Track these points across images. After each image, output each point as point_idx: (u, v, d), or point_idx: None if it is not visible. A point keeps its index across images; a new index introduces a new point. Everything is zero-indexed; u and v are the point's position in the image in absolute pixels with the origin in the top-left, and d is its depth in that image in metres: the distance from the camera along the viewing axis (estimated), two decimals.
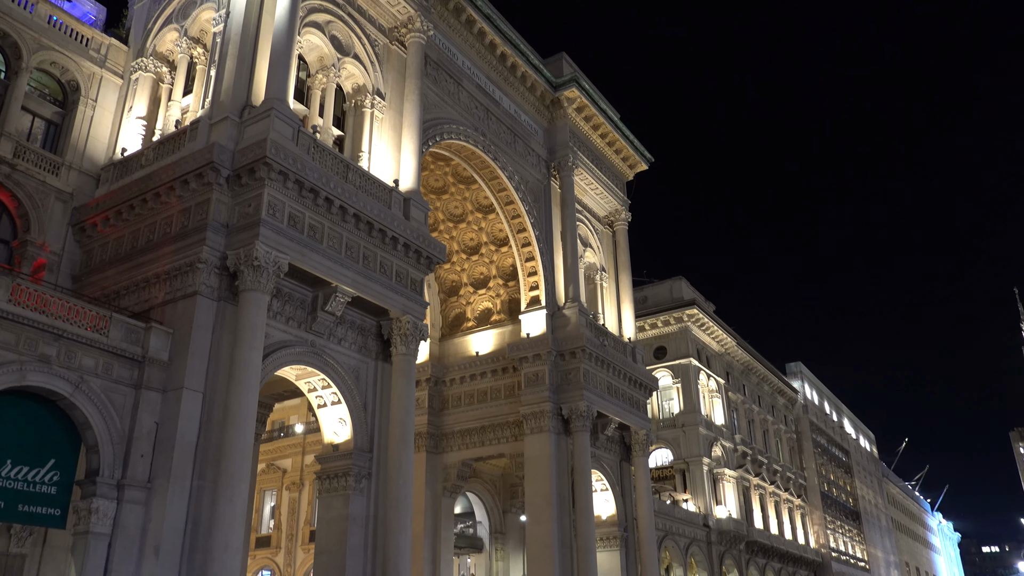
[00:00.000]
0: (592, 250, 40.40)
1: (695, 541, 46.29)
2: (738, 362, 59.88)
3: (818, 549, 64.86)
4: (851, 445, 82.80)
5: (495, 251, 37.62)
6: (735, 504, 51.68)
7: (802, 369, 74.26)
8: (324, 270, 22.48)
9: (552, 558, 31.26)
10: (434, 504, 35.32)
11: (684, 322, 52.94)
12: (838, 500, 73.49)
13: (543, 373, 33.93)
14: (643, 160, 44.03)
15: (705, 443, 50.53)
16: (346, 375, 24.09)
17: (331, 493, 23.88)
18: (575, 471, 33.08)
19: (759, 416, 61.78)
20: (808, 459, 68.71)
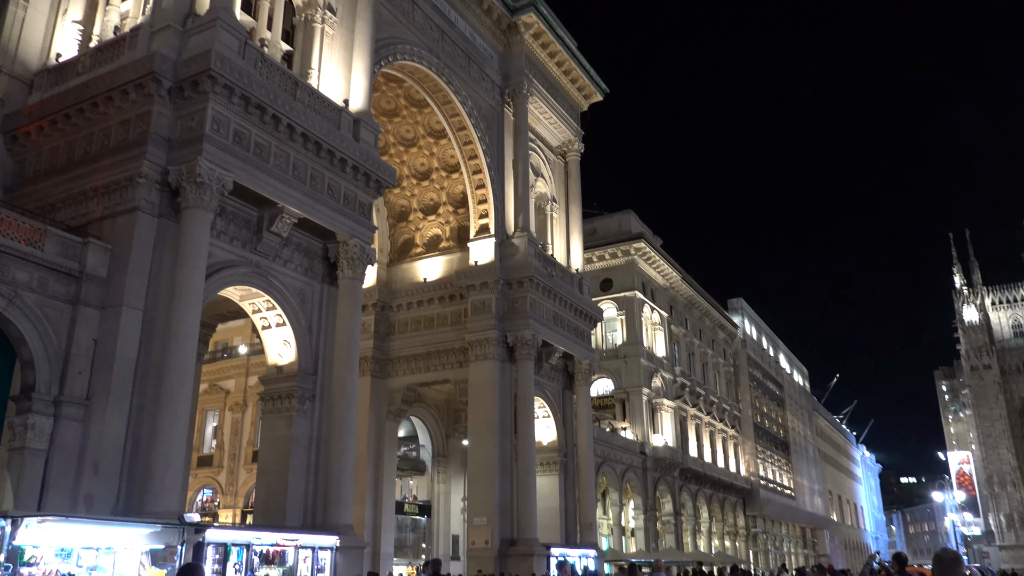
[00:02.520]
0: (543, 180, 40.29)
1: (631, 467, 47.81)
2: (682, 296, 60.98)
3: (748, 477, 67.62)
4: (785, 379, 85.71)
5: (446, 177, 37.27)
6: (672, 433, 53.34)
7: (743, 305, 76.02)
8: (270, 190, 22.03)
9: (493, 481, 32.04)
10: (378, 427, 35.72)
11: (631, 255, 53.48)
12: (770, 431, 76.39)
13: (490, 301, 34.13)
14: (598, 91, 43.69)
15: (646, 374, 51.74)
16: (291, 297, 23.89)
17: (275, 414, 23.94)
18: (518, 398, 33.68)
19: (699, 349, 63.34)
20: (744, 392, 71.00)
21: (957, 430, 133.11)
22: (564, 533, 35.86)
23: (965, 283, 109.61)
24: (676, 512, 52.72)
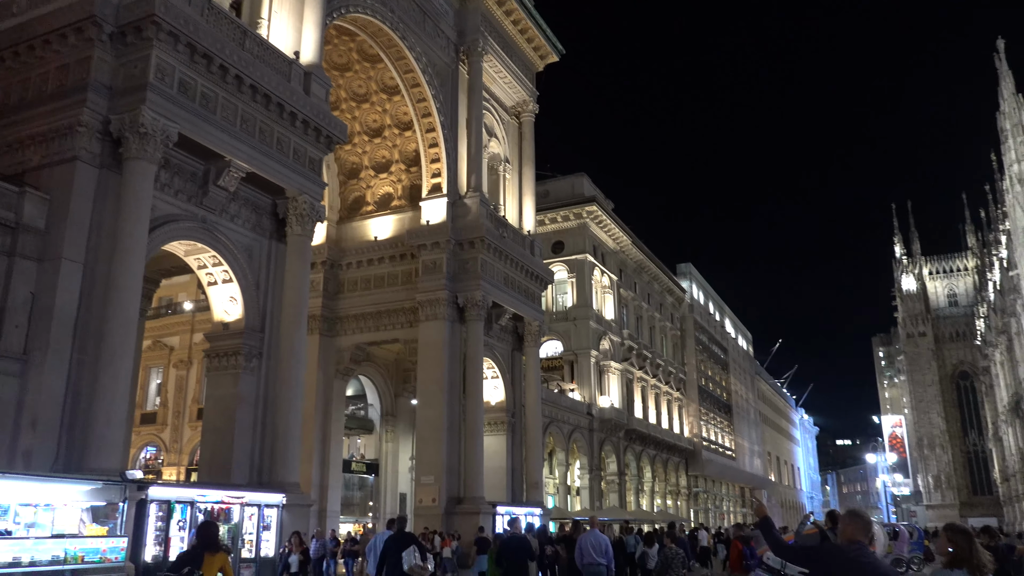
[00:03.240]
0: (497, 140, 40.02)
1: (578, 428, 48.52)
2: (632, 260, 61.52)
3: (691, 438, 69.20)
4: (730, 344, 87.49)
5: (398, 135, 36.75)
6: (618, 395, 54.17)
7: (691, 270, 77.06)
8: (217, 142, 21.46)
9: (441, 440, 32.23)
10: (326, 386, 35.55)
11: (583, 218, 53.65)
12: (713, 394, 78.11)
13: (441, 261, 34.00)
14: (554, 51, 43.35)
15: (595, 336, 52.29)
16: (238, 253, 23.46)
17: (220, 371, 23.62)
18: (468, 358, 33.79)
19: (647, 313, 64.16)
20: (689, 355, 72.30)
21: (892, 395, 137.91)
22: (511, 492, 36.36)
23: (905, 253, 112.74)
24: (620, 472, 53.77)
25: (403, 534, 14.49)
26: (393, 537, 14.37)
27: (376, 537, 16.67)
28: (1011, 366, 71.53)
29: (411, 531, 16.05)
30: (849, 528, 5.99)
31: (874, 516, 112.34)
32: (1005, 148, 58.43)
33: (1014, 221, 56.27)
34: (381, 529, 35.67)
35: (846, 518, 6.14)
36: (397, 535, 14.30)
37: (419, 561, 13.68)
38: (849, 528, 5.99)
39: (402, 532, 14.58)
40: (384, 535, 15.74)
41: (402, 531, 14.65)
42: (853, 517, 6.04)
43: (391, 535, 14.74)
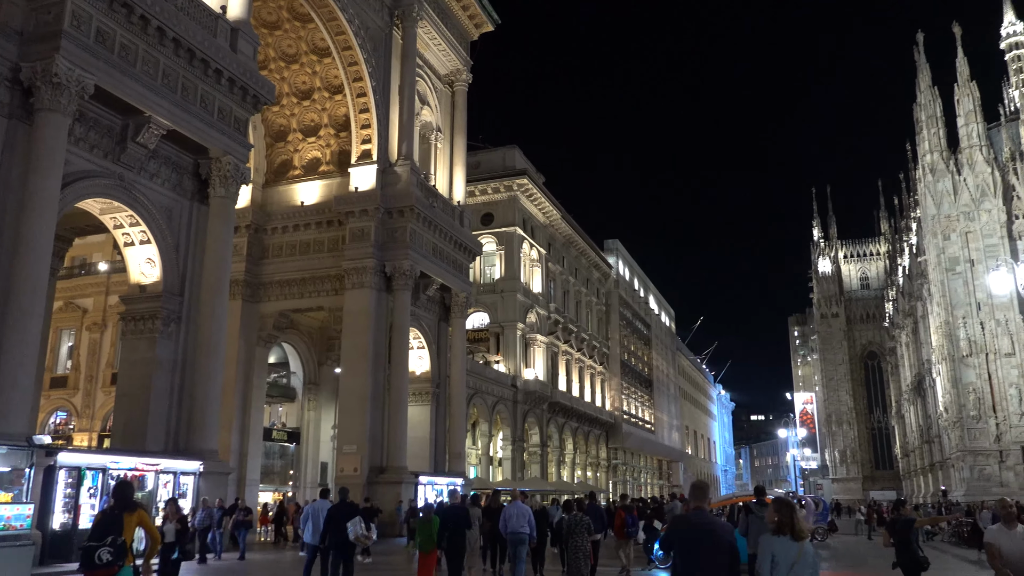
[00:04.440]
0: (429, 108, 39.55)
1: (502, 400, 48.87)
2: (560, 234, 61.91)
3: (612, 412, 70.52)
4: (653, 320, 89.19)
5: (328, 98, 35.94)
6: (543, 368, 54.72)
7: (619, 246, 78.01)
8: (136, 97, 20.58)
9: (364, 409, 32.02)
10: (247, 352, 34.83)
11: (514, 191, 53.62)
12: (635, 369, 79.64)
13: (369, 229, 33.56)
14: (490, 21, 42.94)
15: (521, 309, 52.58)
16: (157, 213, 22.66)
17: (136, 335, 22.89)
18: (394, 328, 33.56)
19: (574, 287, 64.79)
20: (614, 330, 73.42)
21: (804, 373, 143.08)
22: (433, 462, 36.45)
23: (822, 236, 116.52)
24: (543, 444, 54.48)
25: (347, 504, 14.73)
26: (337, 507, 14.58)
27: (311, 507, 16.58)
28: (915, 348, 75.03)
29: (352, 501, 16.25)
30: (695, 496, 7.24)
31: (783, 489, 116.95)
32: (920, 139, 60.74)
33: (924, 209, 58.71)
34: (303, 499, 35.59)
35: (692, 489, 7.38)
36: (341, 505, 14.52)
37: (364, 531, 14.03)
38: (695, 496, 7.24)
39: (346, 502, 14.79)
40: (320, 504, 15.95)
41: (345, 501, 14.85)
42: (696, 488, 7.33)
43: (335, 505, 14.99)
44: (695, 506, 7.12)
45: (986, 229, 54.11)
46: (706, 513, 6.95)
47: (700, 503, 7.09)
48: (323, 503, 16.06)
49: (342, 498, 15.09)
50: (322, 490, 17.94)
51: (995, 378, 52.08)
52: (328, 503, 16.02)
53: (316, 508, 15.97)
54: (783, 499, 7.33)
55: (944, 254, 55.15)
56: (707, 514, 6.95)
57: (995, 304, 52.23)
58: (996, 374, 52.06)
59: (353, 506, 15.18)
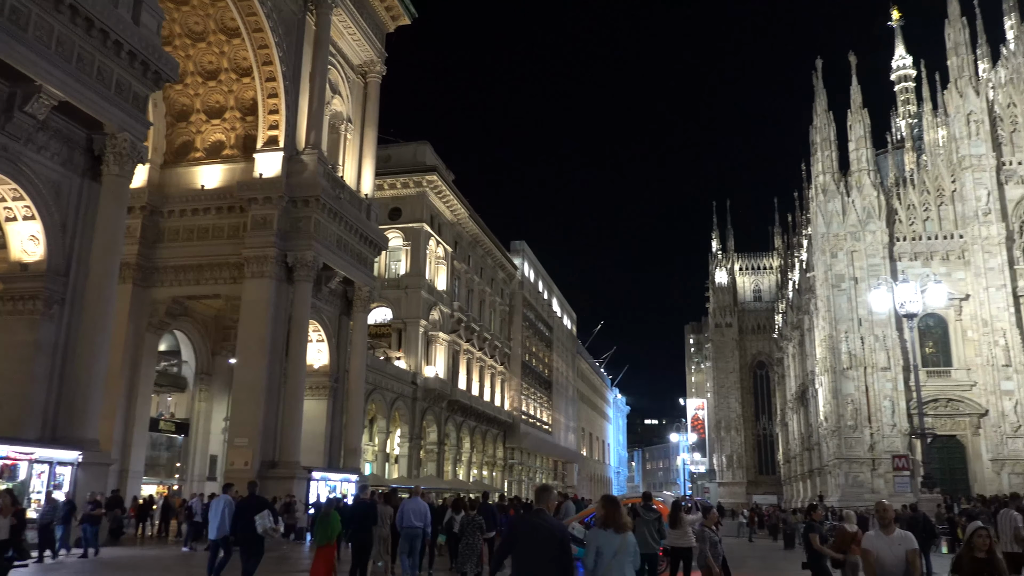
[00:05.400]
0: (340, 98, 38.89)
1: (401, 396, 48.49)
2: (468, 233, 61.91)
3: (511, 411, 71.01)
4: (555, 322, 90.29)
5: (236, 80, 34.86)
6: (444, 365, 54.59)
7: (525, 248, 78.59)
8: (26, 64, 19.45)
9: (258, 402, 31.21)
10: (136, 339, 33.39)
11: (423, 187, 53.30)
12: (536, 370, 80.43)
13: (272, 217, 32.73)
14: (407, 14, 42.57)
15: (425, 306, 52.30)
16: (44, 189, 21.48)
17: (15, 316, 21.64)
18: (293, 320, 32.84)
19: (479, 287, 64.91)
20: (516, 331, 73.94)
21: (697, 380, 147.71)
22: (328, 457, 35.84)
23: (720, 248, 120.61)
24: (440, 441, 54.35)
25: (256, 498, 14.90)
26: (246, 501, 14.77)
27: (216, 501, 16.40)
28: (801, 359, 78.52)
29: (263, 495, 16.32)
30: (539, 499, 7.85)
31: (673, 492, 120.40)
32: (814, 160, 63.60)
33: (815, 228, 61.53)
34: (189, 492, 34.38)
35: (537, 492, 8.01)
36: (250, 499, 14.75)
37: (272, 524, 14.32)
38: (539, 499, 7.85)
39: (254, 496, 14.95)
40: (223, 499, 15.92)
41: (253, 495, 14.98)
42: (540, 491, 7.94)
43: (244, 499, 15.15)
44: (537, 508, 7.70)
45: (870, 249, 57.13)
46: (545, 514, 7.52)
47: (542, 505, 7.70)
48: (224, 498, 15.93)
49: (251, 492, 15.09)
50: (225, 484, 17.69)
51: (871, 390, 55.04)
52: (231, 497, 15.94)
53: (220, 503, 15.85)
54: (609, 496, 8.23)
55: (831, 271, 57.93)
56: (546, 515, 7.49)
57: (875, 320, 55.20)
58: (872, 387, 55.02)
59: (262, 500, 15.25)
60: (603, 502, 7.98)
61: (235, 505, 15.17)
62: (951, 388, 54.78)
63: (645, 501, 15.53)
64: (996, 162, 56.16)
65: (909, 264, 56.47)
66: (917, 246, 57.48)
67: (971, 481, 53.13)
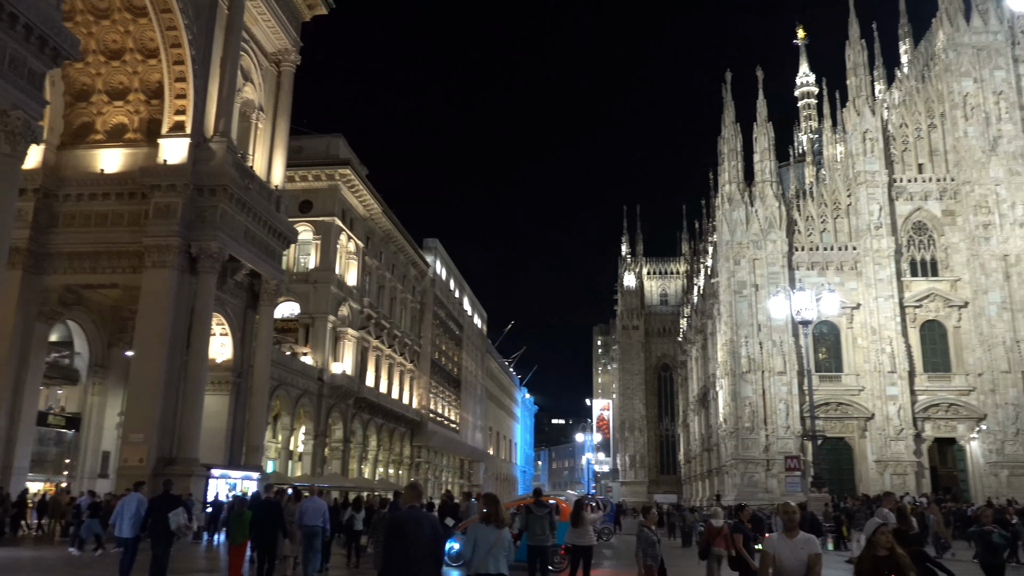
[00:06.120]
0: (252, 86, 37.91)
1: (307, 393, 47.62)
2: (380, 229, 61.29)
3: (419, 410, 70.65)
4: (466, 321, 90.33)
5: (141, 62, 33.53)
6: (352, 362, 53.87)
7: (437, 246, 78.34)
8: None
9: (156, 396, 30.13)
10: (25, 328, 31.69)
11: (335, 180, 52.46)
12: (445, 368, 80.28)
13: (176, 206, 31.64)
14: (324, 3, 41.82)
15: (334, 302, 51.50)
16: None
17: None
18: (196, 312, 31.83)
19: (390, 283, 64.33)
20: (426, 329, 73.61)
21: (604, 381, 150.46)
22: (229, 454, 34.90)
23: (630, 252, 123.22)
24: (346, 439, 53.61)
25: (169, 496, 15.15)
26: (160, 498, 15.03)
27: (127, 499, 16.10)
28: (704, 362, 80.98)
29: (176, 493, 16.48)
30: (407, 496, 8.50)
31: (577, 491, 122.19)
32: (721, 169, 65.74)
33: (720, 235, 63.57)
34: (79, 489, 32.86)
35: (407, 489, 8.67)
36: (164, 497, 15.02)
37: (186, 521, 14.63)
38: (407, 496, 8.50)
39: (168, 494, 15.17)
40: (135, 496, 15.85)
41: (167, 493, 15.21)
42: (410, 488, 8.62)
43: (157, 497, 15.42)
44: (408, 504, 8.30)
45: (771, 258, 59.43)
46: (417, 510, 8.20)
47: (413, 501, 8.35)
48: (135, 496, 15.83)
49: (165, 489, 15.21)
50: (136, 483, 17.44)
51: (768, 394, 57.27)
52: (142, 495, 15.92)
53: (131, 501, 15.73)
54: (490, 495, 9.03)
55: (734, 278, 59.98)
56: (418, 510, 8.15)
57: (773, 326, 57.45)
58: (769, 390, 57.26)
59: (175, 497, 15.42)
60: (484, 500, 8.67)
61: (148, 502, 15.29)
62: (841, 392, 57.53)
63: (536, 498, 16.21)
64: (888, 179, 59.29)
65: (806, 273, 59.03)
66: (814, 256, 60.13)
67: (857, 481, 55.94)
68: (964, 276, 57.36)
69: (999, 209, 56.11)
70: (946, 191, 59.26)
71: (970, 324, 56.61)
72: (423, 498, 9.68)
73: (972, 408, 55.53)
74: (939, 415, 56.46)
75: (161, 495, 15.05)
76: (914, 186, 59.91)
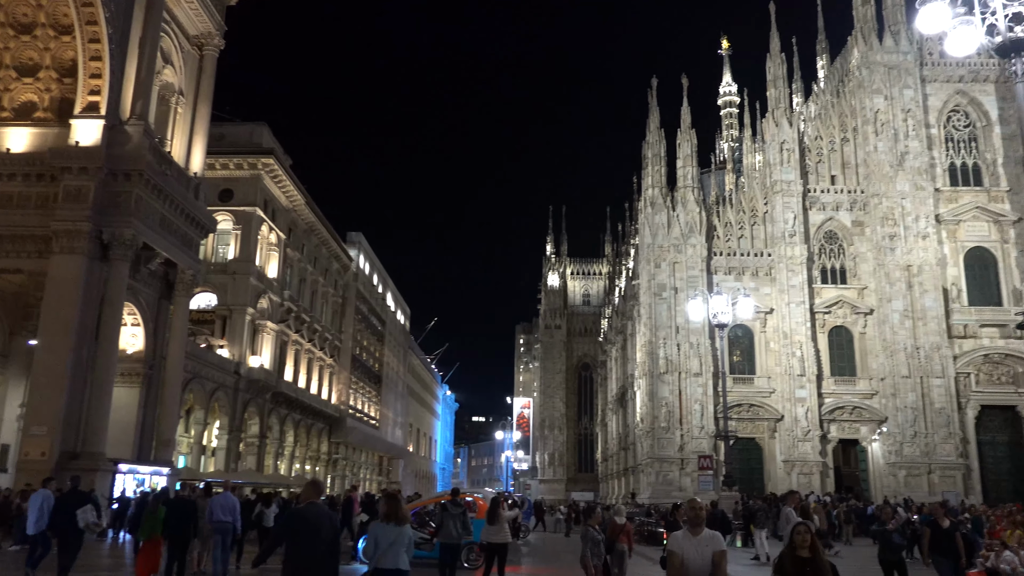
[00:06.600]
0: (173, 69, 36.77)
1: (223, 387, 46.45)
2: (303, 221, 60.24)
3: (338, 405, 69.73)
4: (389, 317, 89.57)
5: (54, 38, 32.17)
6: (270, 356, 52.80)
7: (361, 240, 77.43)
8: None
9: (62, 388, 28.96)
10: None
11: (258, 170, 51.28)
12: (366, 364, 79.44)
13: (88, 189, 30.46)
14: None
15: (253, 294, 50.38)
16: None
17: None
18: (106, 301, 30.71)
19: (312, 277, 63.29)
20: (348, 324, 72.69)
21: (525, 379, 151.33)
22: (138, 449, 33.80)
23: (554, 252, 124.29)
24: (262, 434, 52.52)
25: (78, 492, 14.87)
26: (67, 495, 14.76)
27: (34, 495, 15.80)
28: (623, 362, 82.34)
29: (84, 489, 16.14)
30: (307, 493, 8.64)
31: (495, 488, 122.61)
32: (645, 174, 66.97)
33: (642, 238, 64.76)
34: None
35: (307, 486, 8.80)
36: (72, 493, 14.73)
37: (95, 519, 14.43)
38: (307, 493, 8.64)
39: (76, 490, 14.89)
40: (41, 493, 15.58)
41: (76, 489, 14.93)
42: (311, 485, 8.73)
43: (65, 493, 15.11)
44: (307, 500, 8.45)
45: (690, 261, 60.84)
46: (318, 505, 8.37)
47: (312, 497, 8.52)
48: (43, 492, 15.52)
49: (73, 486, 14.93)
50: (44, 479, 16.90)
51: (684, 394, 58.63)
52: (49, 492, 15.62)
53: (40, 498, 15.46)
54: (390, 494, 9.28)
55: (654, 280, 61.19)
56: (319, 506, 8.31)
57: (690, 329, 58.84)
58: (685, 391, 58.62)
59: (84, 494, 15.16)
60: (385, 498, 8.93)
61: (55, 499, 15.06)
62: (753, 394, 59.34)
63: (453, 496, 16.57)
64: (803, 189, 61.44)
65: (724, 278, 60.64)
66: (731, 261, 61.82)
67: (766, 480, 57.80)
68: (870, 285, 59.89)
69: (904, 221, 58.77)
70: (856, 202, 61.75)
71: (875, 331, 59.14)
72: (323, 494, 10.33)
73: (874, 411, 58.04)
74: (844, 417, 58.80)
75: (69, 491, 14.70)
76: (827, 196, 62.21)
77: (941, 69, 62.38)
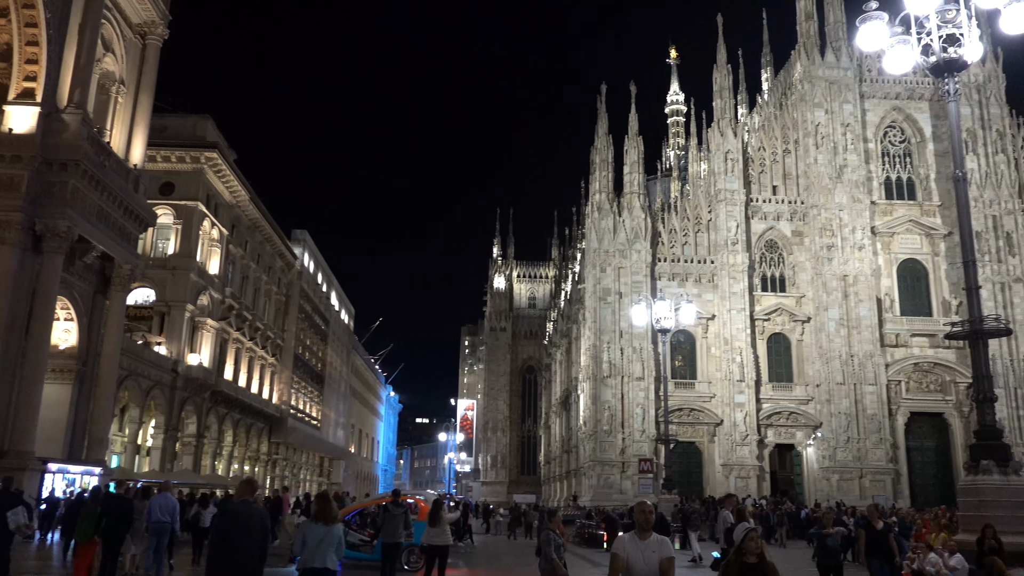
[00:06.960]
0: (114, 57, 35.79)
1: (159, 385, 45.33)
2: (247, 217, 59.20)
3: (279, 405, 68.64)
4: (333, 316, 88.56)
5: None
6: (209, 354, 51.72)
7: (306, 237, 76.45)
8: None
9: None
10: None
11: (201, 164, 50.21)
12: (308, 364, 78.40)
13: (21, 179, 29.44)
14: None
15: (194, 290, 49.31)
16: None
17: None
18: (38, 294, 29.72)
19: (255, 274, 62.22)
20: (291, 323, 71.66)
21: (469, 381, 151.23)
22: (69, 448, 32.76)
23: (501, 254, 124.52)
24: (200, 434, 51.40)
25: (8, 493, 14.48)
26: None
27: None
28: (567, 366, 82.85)
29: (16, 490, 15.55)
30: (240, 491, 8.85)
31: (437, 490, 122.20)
32: (592, 179, 67.56)
33: (589, 243, 65.30)
34: None
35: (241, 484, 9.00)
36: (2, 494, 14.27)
37: (27, 521, 14.04)
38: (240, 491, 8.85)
39: (7, 491, 14.49)
40: None
41: (7, 490, 14.53)
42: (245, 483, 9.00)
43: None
44: (240, 499, 8.67)
45: (635, 267, 61.58)
46: (250, 504, 8.57)
47: (246, 496, 8.73)
48: None
49: (5, 487, 14.40)
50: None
51: (627, 398, 59.31)
52: None
53: None
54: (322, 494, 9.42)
55: (599, 285, 61.75)
56: (250, 505, 8.50)
57: (634, 333, 59.54)
58: (628, 395, 59.30)
59: (14, 495, 14.76)
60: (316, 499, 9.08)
61: None
62: (694, 399, 60.32)
63: (394, 497, 16.78)
64: (746, 198, 62.73)
65: (667, 284, 61.51)
66: (675, 267, 62.77)
67: (705, 483, 58.81)
68: (808, 293, 61.43)
69: (841, 232, 60.46)
70: (796, 213, 63.28)
71: (811, 338, 60.66)
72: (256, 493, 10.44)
73: (810, 416, 59.51)
74: (780, 422, 60.16)
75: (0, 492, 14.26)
76: (768, 206, 63.61)
77: (879, 86, 64.39)
